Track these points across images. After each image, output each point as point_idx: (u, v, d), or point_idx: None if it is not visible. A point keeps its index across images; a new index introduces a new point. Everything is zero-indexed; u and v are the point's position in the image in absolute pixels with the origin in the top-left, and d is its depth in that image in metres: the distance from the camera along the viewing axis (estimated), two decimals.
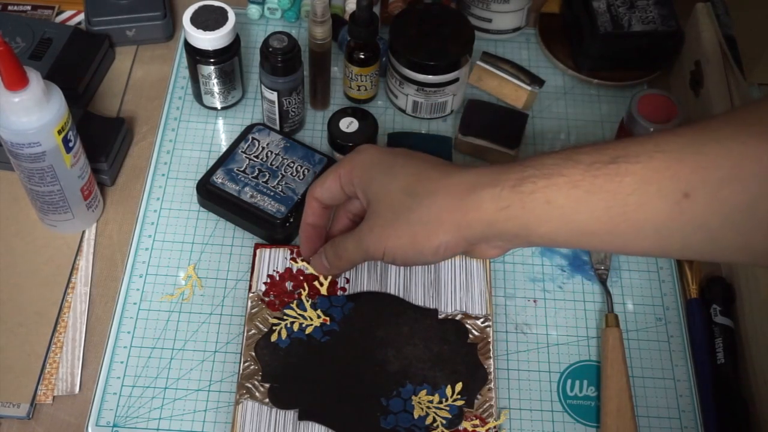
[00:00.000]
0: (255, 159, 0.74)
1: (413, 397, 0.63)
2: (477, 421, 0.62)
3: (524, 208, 0.50)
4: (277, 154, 0.74)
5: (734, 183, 0.44)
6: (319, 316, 0.66)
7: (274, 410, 0.62)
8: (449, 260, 0.70)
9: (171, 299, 0.69)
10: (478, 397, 0.63)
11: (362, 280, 0.69)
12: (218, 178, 0.73)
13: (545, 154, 0.51)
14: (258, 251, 0.70)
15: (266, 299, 0.67)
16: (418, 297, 0.68)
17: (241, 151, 0.74)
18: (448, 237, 0.54)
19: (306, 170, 0.73)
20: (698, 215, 0.46)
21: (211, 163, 0.76)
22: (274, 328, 0.66)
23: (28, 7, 0.87)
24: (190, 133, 0.80)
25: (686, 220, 0.46)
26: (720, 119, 0.47)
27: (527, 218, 0.51)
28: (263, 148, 0.75)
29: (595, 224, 0.49)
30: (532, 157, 0.52)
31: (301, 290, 0.67)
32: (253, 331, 0.66)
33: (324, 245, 0.65)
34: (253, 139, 0.75)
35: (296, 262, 0.69)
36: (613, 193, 0.47)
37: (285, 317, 0.66)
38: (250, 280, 0.68)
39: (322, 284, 0.68)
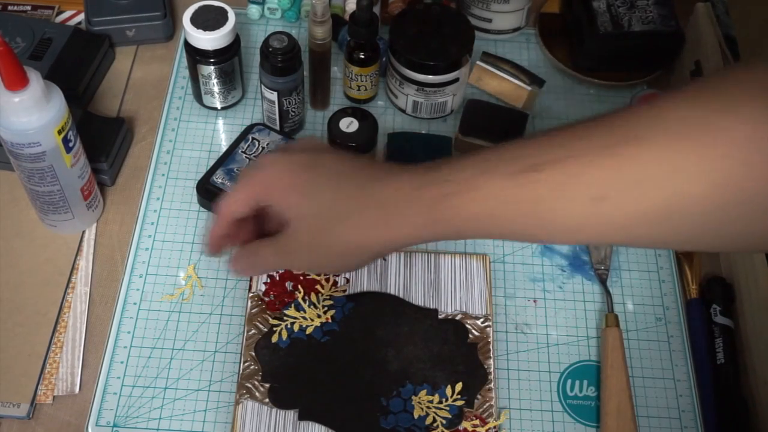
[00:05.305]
0: (255, 159, 0.74)
1: (413, 397, 0.63)
2: (477, 421, 0.62)
3: (444, 221, 0.52)
4: None
5: (646, 184, 0.45)
6: (319, 316, 0.66)
7: (274, 410, 0.62)
8: (449, 260, 0.70)
9: (171, 299, 0.69)
10: (478, 397, 0.63)
11: (362, 280, 0.69)
12: (218, 178, 0.73)
13: (462, 160, 0.52)
14: None
15: (266, 299, 0.67)
16: (418, 297, 0.68)
17: (241, 151, 0.74)
18: (373, 254, 0.56)
19: None
20: (615, 216, 0.47)
21: (211, 163, 0.75)
22: (274, 329, 0.66)
23: (28, 7, 0.87)
24: (190, 133, 0.80)
25: (603, 221, 0.47)
26: (627, 118, 0.47)
27: (448, 229, 0.52)
28: (263, 148, 0.75)
29: (511, 229, 0.52)
30: (448, 163, 0.52)
31: (302, 290, 0.67)
32: (253, 332, 0.66)
33: (240, 250, 0.60)
34: (253, 139, 0.75)
35: None
36: (529, 201, 0.48)
37: (285, 318, 0.66)
38: (250, 280, 0.68)
39: (323, 286, 0.68)
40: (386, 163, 0.57)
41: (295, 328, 0.66)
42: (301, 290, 0.67)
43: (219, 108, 0.81)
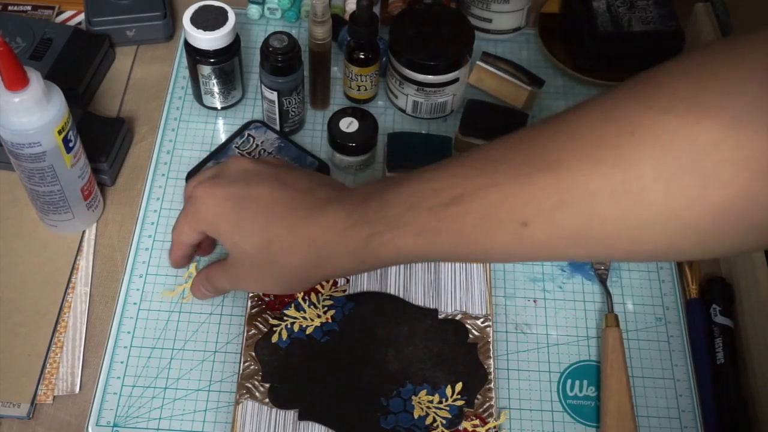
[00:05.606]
0: (247, 155, 0.74)
1: (413, 397, 0.63)
2: (477, 421, 0.62)
3: (377, 256, 0.54)
4: (269, 153, 0.74)
5: (566, 208, 0.46)
6: (319, 316, 0.66)
7: (274, 410, 0.62)
8: None
9: (171, 296, 0.69)
10: (478, 397, 0.63)
11: (362, 280, 0.69)
12: None
13: (389, 190, 0.53)
14: None
15: (266, 299, 0.67)
16: (418, 297, 0.68)
17: (235, 146, 0.74)
18: (314, 282, 0.62)
19: None
20: (539, 239, 0.48)
21: None
22: (274, 329, 0.66)
23: (29, 7, 0.87)
24: (190, 133, 0.80)
25: (528, 244, 0.48)
26: (546, 138, 0.48)
27: (380, 262, 0.55)
28: (257, 145, 0.75)
29: (444, 256, 0.54)
30: (379, 194, 0.53)
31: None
32: (253, 331, 0.66)
33: (196, 277, 0.66)
34: (249, 135, 0.75)
35: None
36: (457, 232, 0.50)
37: (285, 318, 0.66)
38: None
39: (323, 286, 0.68)
40: (320, 189, 0.58)
41: (295, 328, 0.66)
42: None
43: (219, 108, 0.81)
